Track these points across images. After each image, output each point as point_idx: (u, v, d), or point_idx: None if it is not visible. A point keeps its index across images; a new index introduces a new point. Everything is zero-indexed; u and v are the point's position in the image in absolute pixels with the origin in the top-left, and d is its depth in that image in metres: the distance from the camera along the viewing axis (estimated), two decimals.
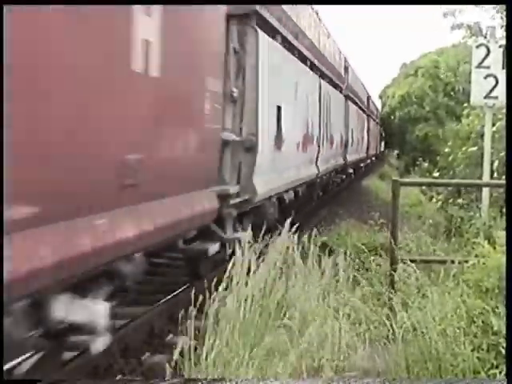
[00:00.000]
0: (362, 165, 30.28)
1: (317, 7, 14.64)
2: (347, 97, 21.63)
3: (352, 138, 23.16)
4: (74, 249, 4.08)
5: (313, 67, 14.12)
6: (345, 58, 22.05)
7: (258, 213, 9.33)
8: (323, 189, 18.40)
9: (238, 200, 8.00)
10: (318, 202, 17.90)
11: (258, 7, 8.41)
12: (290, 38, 11.19)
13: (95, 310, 4.39)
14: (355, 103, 24.83)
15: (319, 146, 14.82)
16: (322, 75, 15.53)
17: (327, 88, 16.25)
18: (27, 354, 4.56)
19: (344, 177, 22.12)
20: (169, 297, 7.84)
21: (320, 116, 14.79)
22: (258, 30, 8.48)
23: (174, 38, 5.66)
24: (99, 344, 4.49)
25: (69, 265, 4.04)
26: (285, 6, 10.73)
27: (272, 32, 9.72)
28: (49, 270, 3.78)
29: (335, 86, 18.31)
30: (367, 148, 32.31)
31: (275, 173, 10.06)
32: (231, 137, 7.83)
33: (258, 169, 8.64)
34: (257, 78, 8.47)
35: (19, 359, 4.50)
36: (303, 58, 12.79)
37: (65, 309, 4.23)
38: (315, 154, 14.46)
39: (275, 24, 9.79)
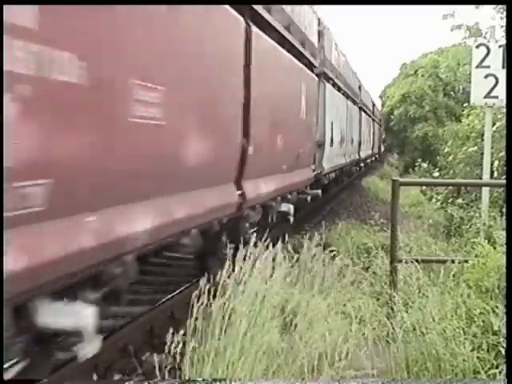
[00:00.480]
0: (368, 160, 35.18)
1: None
2: (360, 108, 27.51)
3: (363, 139, 29.01)
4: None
5: (342, 92, 19.98)
6: (358, 78, 28.45)
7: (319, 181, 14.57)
8: (348, 173, 25.46)
9: (316, 172, 13.40)
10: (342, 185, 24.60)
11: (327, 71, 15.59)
12: (338, 82, 18.39)
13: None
14: (365, 112, 30.61)
15: (346, 145, 20.63)
16: (347, 96, 21.42)
17: (350, 105, 22.56)
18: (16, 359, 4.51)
19: (358, 168, 27.85)
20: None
21: (346, 125, 20.55)
22: (326, 82, 15.16)
23: (310, 94, 11.71)
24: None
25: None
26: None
27: (330, 80, 16.41)
28: None
29: (353, 101, 24.16)
30: (372, 147, 36.48)
31: (330, 159, 16.08)
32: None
33: (324, 156, 14.76)
34: (324, 108, 14.70)
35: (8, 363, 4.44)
36: (339, 88, 18.74)
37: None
38: (345, 150, 20.32)
39: (333, 77, 17.12)
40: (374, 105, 38.73)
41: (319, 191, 13.66)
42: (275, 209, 9.57)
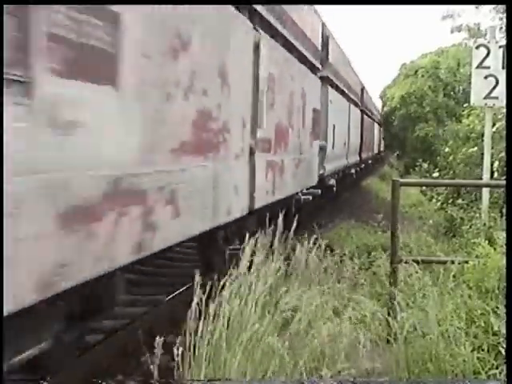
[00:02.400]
0: (369, 161, 35.07)
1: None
2: (362, 111, 27.81)
3: (365, 141, 29.57)
4: None
5: (345, 96, 20.14)
6: (361, 82, 28.78)
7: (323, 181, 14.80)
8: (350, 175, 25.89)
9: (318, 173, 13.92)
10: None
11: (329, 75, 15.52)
12: (341, 86, 18.53)
13: None
14: (367, 114, 30.82)
15: (348, 148, 21.09)
16: (349, 99, 21.43)
17: (353, 108, 22.81)
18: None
19: (358, 169, 27.30)
20: None
21: (349, 128, 20.96)
22: (329, 87, 15.42)
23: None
24: None
25: None
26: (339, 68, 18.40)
27: (334, 85, 16.56)
28: None
29: (356, 104, 24.30)
30: (372, 148, 36.70)
31: (332, 161, 16.29)
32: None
33: (326, 158, 14.75)
34: (327, 112, 14.82)
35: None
36: (342, 92, 18.81)
37: None
38: (347, 152, 20.73)
39: (337, 83, 17.42)
40: (375, 107, 39.81)
41: (319, 191, 13.09)
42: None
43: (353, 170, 23.95)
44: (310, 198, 12.22)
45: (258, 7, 7.57)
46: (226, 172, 6.46)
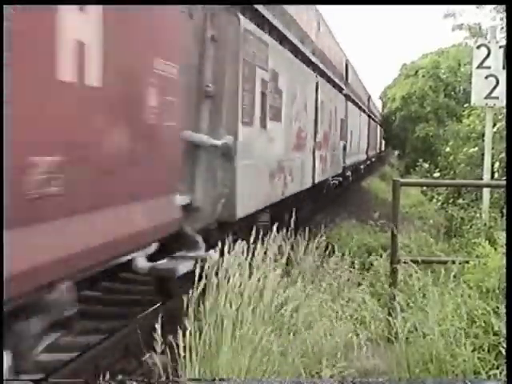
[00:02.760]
0: (373, 159, 38.85)
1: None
2: (369, 116, 33.07)
3: (371, 142, 34.42)
4: None
5: (357, 106, 25.06)
6: (367, 91, 33.87)
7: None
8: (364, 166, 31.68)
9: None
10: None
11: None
12: (356, 99, 23.83)
13: None
14: (372, 119, 35.93)
15: (359, 147, 26.18)
16: (360, 108, 26.83)
17: (362, 115, 28.40)
18: None
19: (365, 165, 32.06)
20: None
21: (360, 132, 26.32)
22: (349, 102, 20.47)
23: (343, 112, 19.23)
24: None
25: None
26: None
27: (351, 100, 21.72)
28: None
29: (364, 111, 29.45)
30: (375, 148, 40.60)
31: (350, 157, 20.85)
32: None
33: (346, 155, 19.11)
34: (347, 120, 19.43)
35: None
36: (356, 103, 23.78)
37: None
38: (358, 151, 25.59)
39: (354, 97, 23.02)
40: (377, 110, 42.96)
41: (340, 178, 18.44)
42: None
43: (361, 166, 29.52)
44: (337, 182, 17.63)
45: (316, 60, 13.41)
46: (305, 161, 11.75)
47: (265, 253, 5.91)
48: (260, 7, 7.95)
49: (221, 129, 6.22)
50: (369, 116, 33.00)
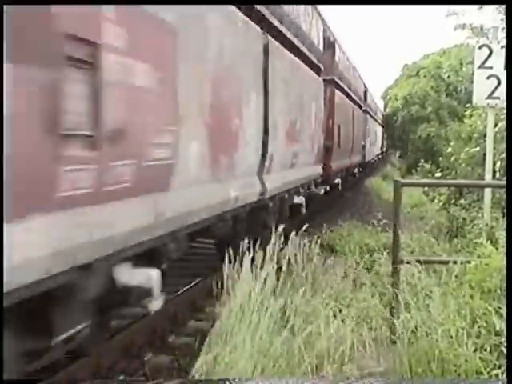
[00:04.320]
0: (379, 156, 45.49)
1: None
2: (378, 123, 41.97)
3: (378, 143, 42.93)
4: None
5: (371, 116, 32.16)
6: (376, 104, 42.62)
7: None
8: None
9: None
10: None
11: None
12: (371, 112, 32.20)
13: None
14: (381, 125, 44.45)
15: (374, 145, 33.37)
16: (372, 117, 34.18)
17: (374, 122, 36.14)
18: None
19: (377, 159, 40.22)
20: None
21: (376, 134, 34.66)
22: (367, 114, 33.01)
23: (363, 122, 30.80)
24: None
25: None
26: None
27: (367, 112, 31.86)
28: None
29: (374, 119, 38.63)
30: (381, 147, 48.78)
31: (369, 153, 32.52)
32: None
33: (365, 151, 31.33)
34: (366, 128, 31.80)
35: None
36: (370, 115, 30.39)
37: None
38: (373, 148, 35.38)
39: (369, 110, 36.15)
40: (382, 114, 46.91)
41: (360, 169, 27.67)
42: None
43: (373, 160, 38.79)
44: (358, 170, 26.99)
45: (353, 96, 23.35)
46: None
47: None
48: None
49: None
50: (376, 121, 42.15)
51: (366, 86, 34.93)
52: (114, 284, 4.70)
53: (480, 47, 10.38)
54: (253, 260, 5.87)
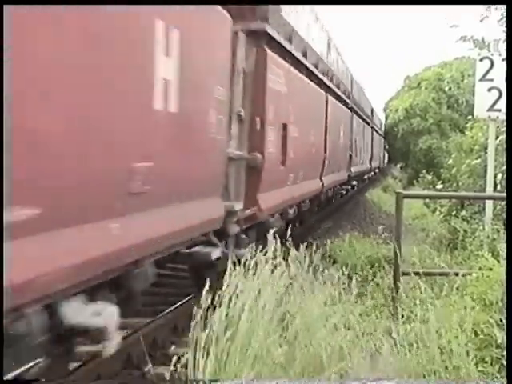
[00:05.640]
0: (377, 170, 43.12)
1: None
2: (383, 137, 44.96)
3: (379, 154, 42.65)
4: None
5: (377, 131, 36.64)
6: (380, 119, 44.59)
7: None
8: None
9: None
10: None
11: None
12: (377, 128, 37.39)
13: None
14: (384, 138, 46.24)
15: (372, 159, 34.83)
16: (378, 133, 38.79)
17: (379, 137, 39.81)
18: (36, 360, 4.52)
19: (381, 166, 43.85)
20: None
21: (385, 148, 46.85)
22: (374, 132, 36.00)
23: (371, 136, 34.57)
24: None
25: None
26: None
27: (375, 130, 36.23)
28: None
29: (379, 134, 40.47)
30: (379, 159, 46.36)
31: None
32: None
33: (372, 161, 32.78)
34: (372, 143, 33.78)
35: (28, 365, 4.45)
36: (377, 131, 36.94)
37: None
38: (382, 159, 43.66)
39: (377, 128, 39.65)
40: (381, 123, 46.54)
41: (372, 173, 31.65)
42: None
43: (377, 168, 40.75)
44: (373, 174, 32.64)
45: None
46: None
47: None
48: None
49: None
50: (383, 137, 45.46)
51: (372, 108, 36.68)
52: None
53: (481, 59, 10.41)
54: None
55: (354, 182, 24.51)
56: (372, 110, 35.47)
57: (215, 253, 7.14)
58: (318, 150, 13.32)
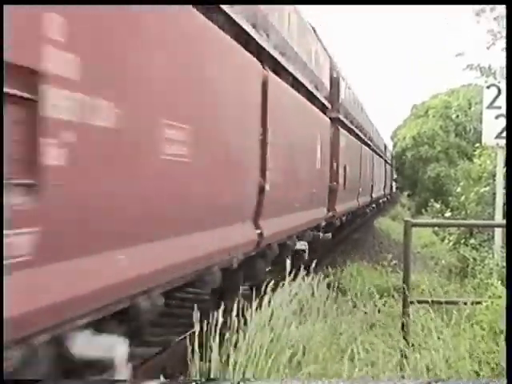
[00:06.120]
0: (385, 198, 45.09)
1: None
2: (386, 161, 42.12)
3: (386, 183, 43.53)
4: None
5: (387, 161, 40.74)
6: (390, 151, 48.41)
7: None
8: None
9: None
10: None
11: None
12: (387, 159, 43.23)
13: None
14: (391, 166, 47.81)
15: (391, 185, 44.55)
16: (387, 163, 41.84)
17: (388, 167, 43.29)
18: None
19: (385, 199, 43.10)
20: None
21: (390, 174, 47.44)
22: (385, 162, 41.33)
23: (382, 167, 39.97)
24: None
25: None
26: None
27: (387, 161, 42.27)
28: None
29: (388, 163, 44.07)
30: (387, 187, 48.00)
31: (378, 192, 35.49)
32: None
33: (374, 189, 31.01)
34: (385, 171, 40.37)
35: None
36: (386, 161, 41.45)
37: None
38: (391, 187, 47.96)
39: (388, 160, 45.60)
40: (392, 155, 48.75)
41: (385, 198, 35.53)
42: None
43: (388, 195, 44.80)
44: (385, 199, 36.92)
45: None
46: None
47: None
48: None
49: None
50: (390, 165, 46.65)
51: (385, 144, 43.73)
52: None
53: (488, 87, 10.41)
54: None
55: (374, 205, 31.51)
56: (385, 146, 43.02)
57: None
58: (355, 180, 20.53)
